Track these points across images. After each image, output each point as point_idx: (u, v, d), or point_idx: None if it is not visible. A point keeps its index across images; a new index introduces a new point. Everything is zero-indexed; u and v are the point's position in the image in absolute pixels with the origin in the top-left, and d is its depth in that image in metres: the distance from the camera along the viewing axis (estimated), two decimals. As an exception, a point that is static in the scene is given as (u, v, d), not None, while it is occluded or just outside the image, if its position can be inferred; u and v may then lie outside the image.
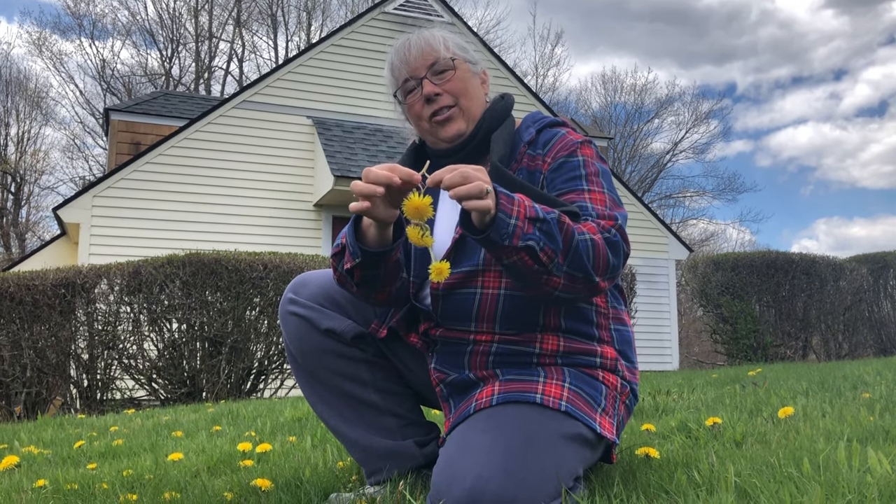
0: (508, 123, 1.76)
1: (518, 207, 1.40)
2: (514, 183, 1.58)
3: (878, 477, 1.44)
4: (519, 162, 1.70)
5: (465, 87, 1.74)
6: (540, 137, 1.73)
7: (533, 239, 1.39)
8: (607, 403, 1.62)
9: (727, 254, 12.43)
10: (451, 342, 1.66)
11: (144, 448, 3.13)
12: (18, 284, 6.93)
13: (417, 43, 1.74)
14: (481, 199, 1.34)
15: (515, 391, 1.55)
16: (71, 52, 32.75)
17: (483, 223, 1.38)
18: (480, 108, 1.76)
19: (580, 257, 1.45)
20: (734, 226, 39.06)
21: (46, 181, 28.46)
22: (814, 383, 3.82)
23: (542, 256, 1.41)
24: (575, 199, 1.61)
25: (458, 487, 1.39)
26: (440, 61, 1.72)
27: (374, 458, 1.79)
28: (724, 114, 43.87)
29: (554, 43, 40.89)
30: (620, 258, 1.54)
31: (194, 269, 7.03)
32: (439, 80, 1.73)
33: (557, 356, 1.61)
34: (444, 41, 1.75)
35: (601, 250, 1.48)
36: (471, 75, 1.77)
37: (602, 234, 1.50)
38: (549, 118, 1.79)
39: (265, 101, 10.83)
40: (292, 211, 10.70)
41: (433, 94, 1.71)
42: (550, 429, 1.50)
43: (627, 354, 1.73)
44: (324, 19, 27.67)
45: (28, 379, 6.92)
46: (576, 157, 1.67)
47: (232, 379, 7.06)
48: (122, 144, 12.55)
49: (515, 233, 1.38)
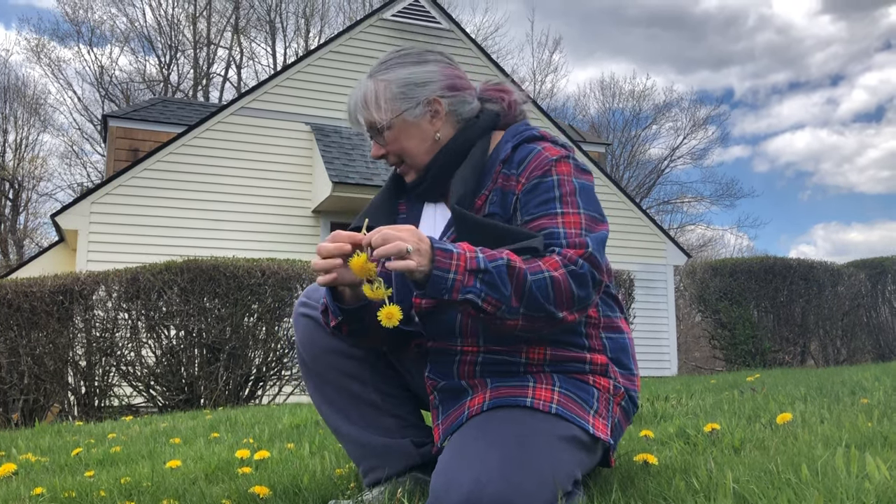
0: (476, 152, 1.71)
1: (457, 261, 1.41)
2: (475, 225, 1.58)
3: (876, 483, 1.44)
4: (494, 182, 1.67)
5: (401, 147, 1.73)
6: (515, 155, 1.68)
7: (472, 292, 1.41)
8: (600, 405, 1.63)
9: (725, 259, 12.44)
10: (440, 352, 1.69)
11: (142, 455, 3.13)
12: (16, 291, 6.92)
13: (353, 104, 1.76)
14: (402, 260, 1.37)
15: (505, 396, 1.57)
16: (69, 58, 32.70)
17: (416, 279, 1.41)
18: (427, 154, 1.73)
19: (536, 299, 1.45)
20: (732, 231, 39.19)
21: (44, 188, 28.46)
22: (812, 389, 3.82)
23: (486, 306, 1.43)
24: (547, 224, 1.57)
25: (455, 493, 1.41)
26: (374, 126, 1.74)
27: (371, 454, 1.81)
28: (722, 119, 44.08)
29: (552, 49, 40.98)
30: (589, 289, 1.51)
31: (192, 275, 7.03)
32: (381, 139, 1.75)
33: (545, 364, 1.62)
34: (376, 100, 1.72)
35: (562, 286, 1.47)
36: (410, 126, 1.72)
37: (566, 269, 1.48)
38: (529, 132, 1.73)
39: (263, 107, 10.84)
40: (290, 217, 10.70)
41: (377, 156, 1.77)
42: (544, 431, 1.51)
43: (622, 361, 1.72)
44: (322, 26, 27.74)
45: (26, 386, 6.91)
46: (550, 176, 1.62)
47: (230, 386, 7.05)
48: (121, 151, 12.55)
49: (454, 287, 1.41)
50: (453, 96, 1.75)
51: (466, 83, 1.79)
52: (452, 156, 1.72)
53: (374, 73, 1.75)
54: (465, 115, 1.76)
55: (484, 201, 1.67)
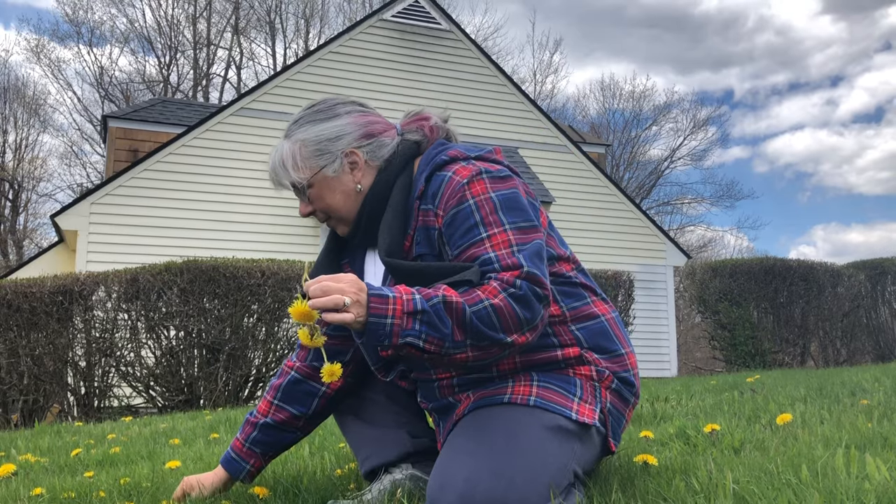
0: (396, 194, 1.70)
1: (394, 305, 1.43)
2: (409, 272, 1.59)
3: (876, 484, 1.44)
4: (416, 220, 1.66)
5: (326, 203, 1.74)
6: (429, 188, 1.65)
7: (412, 334, 1.43)
8: (584, 392, 1.62)
9: (725, 260, 12.45)
10: (422, 380, 1.76)
11: (142, 456, 3.13)
12: (16, 292, 6.92)
13: (273, 170, 1.77)
14: (337, 313, 1.39)
15: (486, 397, 1.61)
16: (69, 59, 32.80)
17: (356, 329, 1.44)
18: (353, 206, 1.74)
19: (479, 329, 1.45)
20: (732, 232, 39.17)
21: (44, 188, 28.45)
22: (812, 390, 3.82)
23: (428, 346, 1.45)
24: (476, 253, 1.54)
25: (450, 492, 1.44)
26: (295, 186, 1.75)
27: (368, 442, 1.88)
28: (722, 120, 44.04)
29: (553, 50, 41.10)
30: (534, 308, 1.49)
31: (192, 276, 7.02)
32: (306, 197, 1.77)
33: (517, 371, 1.64)
34: (293, 160, 1.73)
35: (506, 312, 1.46)
36: (330, 181, 1.72)
37: (506, 293, 1.47)
38: (438, 157, 1.69)
39: (263, 108, 10.84)
40: (290, 218, 10.70)
41: (305, 214, 1.79)
42: (528, 424, 1.53)
43: (603, 346, 1.68)
44: (322, 27, 27.76)
45: (25, 386, 6.90)
46: (466, 202, 1.58)
47: (230, 386, 7.04)
48: (120, 151, 12.54)
49: (393, 331, 1.43)
50: (370, 143, 1.74)
51: (383, 126, 1.78)
52: (377, 202, 1.72)
53: (289, 133, 1.77)
54: (384, 158, 1.74)
55: (411, 243, 1.66)
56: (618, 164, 29.81)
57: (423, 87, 11.67)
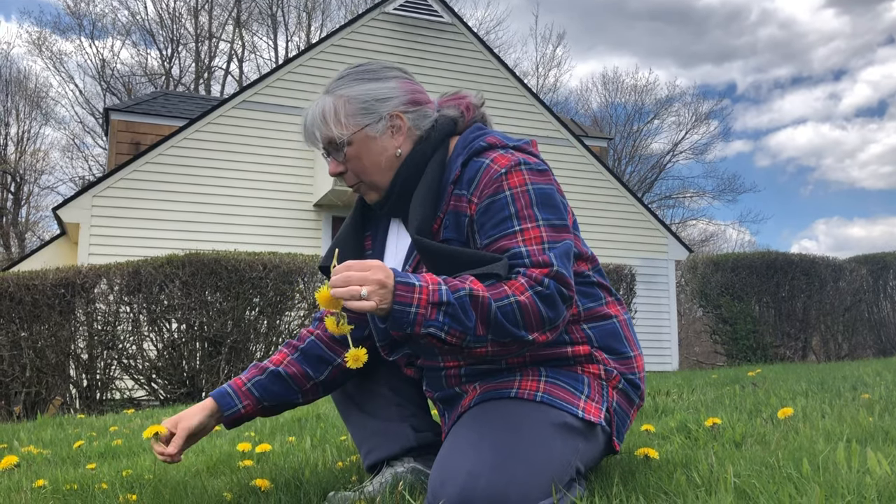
0: (432, 168, 1.67)
1: (420, 294, 1.42)
2: (438, 252, 1.56)
3: (877, 478, 1.45)
4: (447, 204, 1.64)
5: (362, 165, 1.69)
6: (465, 173, 1.63)
7: (435, 325, 1.42)
8: (592, 390, 1.62)
9: (727, 254, 12.44)
10: (429, 368, 1.74)
11: (144, 448, 3.13)
12: (18, 284, 6.93)
13: (311, 120, 1.71)
14: (357, 301, 1.38)
15: (492, 390, 1.60)
16: (71, 51, 32.79)
17: (380, 315, 1.43)
18: (389, 171, 1.70)
19: (502, 326, 1.45)
20: (734, 226, 39.05)
21: (46, 181, 28.46)
22: (813, 384, 3.82)
23: (449, 339, 1.44)
24: (507, 245, 1.53)
25: (451, 485, 1.43)
26: (333, 142, 1.69)
27: (370, 436, 1.87)
28: (724, 114, 43.85)
29: (555, 44, 41.01)
30: (558, 309, 1.49)
31: (194, 269, 7.03)
32: (340, 156, 1.71)
33: (526, 365, 1.63)
34: (335, 114, 1.68)
35: (530, 310, 1.46)
36: (371, 142, 1.68)
37: (533, 290, 1.47)
38: (477, 142, 1.66)
39: (265, 101, 10.83)
40: (292, 211, 10.70)
41: (336, 174, 1.73)
42: (533, 419, 1.52)
43: (614, 347, 1.68)
44: (323, 19, 27.70)
45: (27, 379, 6.92)
46: (502, 192, 1.56)
47: (231, 379, 7.05)
48: (122, 144, 12.55)
49: (417, 321, 1.42)
50: (415, 111, 1.71)
51: (426, 97, 1.76)
52: (412, 171, 1.69)
53: (332, 88, 1.71)
54: (425, 129, 1.72)
55: (439, 225, 1.64)
56: (620, 157, 29.77)
57: (425, 80, 11.65)
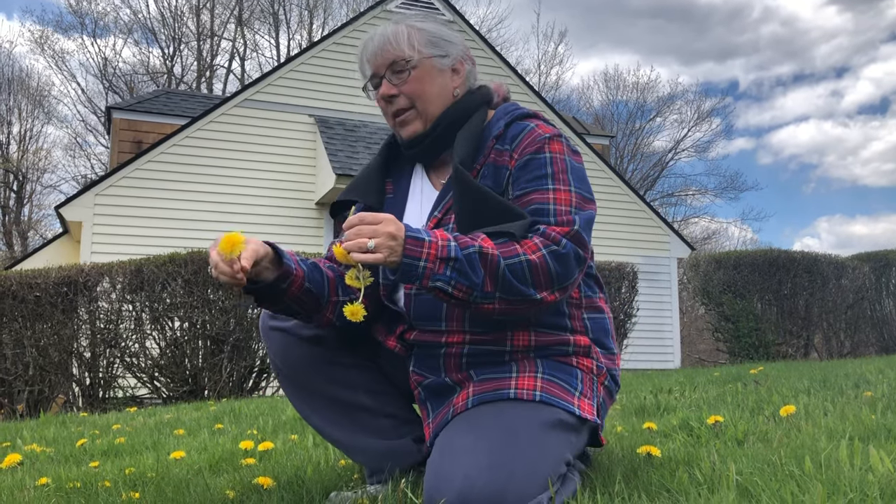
0: (476, 119, 1.73)
1: (428, 249, 1.45)
2: (471, 188, 1.59)
3: (879, 475, 1.45)
4: (486, 157, 1.68)
5: (422, 89, 1.72)
6: (508, 132, 1.69)
7: (442, 279, 1.45)
8: (584, 386, 1.64)
9: (729, 252, 12.42)
10: (425, 345, 1.68)
11: (146, 446, 3.14)
12: (21, 283, 6.93)
13: (380, 39, 1.74)
14: (364, 254, 1.42)
15: (489, 391, 1.58)
16: (73, 50, 32.73)
17: (390, 267, 1.45)
18: (442, 105, 1.74)
19: (511, 283, 1.48)
20: (736, 224, 38.93)
21: (48, 179, 28.52)
22: (815, 382, 3.82)
23: (456, 293, 1.47)
24: (537, 199, 1.59)
25: (447, 490, 1.40)
26: (399, 61, 1.72)
27: (374, 458, 1.80)
28: (727, 112, 43.82)
29: (557, 41, 40.96)
30: (571, 268, 1.53)
31: (196, 267, 7.03)
32: (398, 79, 1.73)
33: (530, 350, 1.63)
34: (408, 37, 1.73)
35: (540, 269, 1.49)
36: (435, 72, 1.73)
37: (547, 250, 1.50)
38: (521, 110, 1.75)
39: (267, 99, 10.83)
40: (294, 209, 10.70)
41: (389, 95, 1.74)
42: (529, 419, 1.52)
43: (603, 342, 1.73)
44: (325, 18, 27.68)
45: (30, 377, 6.93)
46: (543, 153, 1.63)
47: (234, 377, 7.06)
48: (124, 143, 12.55)
49: (425, 274, 1.45)
50: (472, 66, 1.81)
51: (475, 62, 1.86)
52: (461, 113, 1.74)
53: (402, 20, 1.77)
54: (474, 86, 1.80)
55: (477, 173, 1.68)
56: (622, 155, 29.74)
57: (427, 78, 11.63)
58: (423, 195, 1.78)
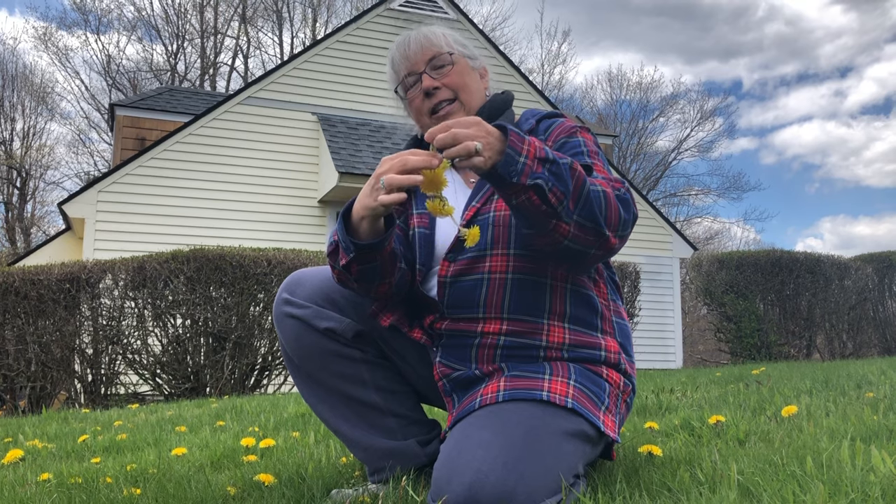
0: (508, 115, 1.84)
1: (528, 147, 1.41)
2: None
3: (881, 476, 1.44)
4: None
5: (463, 82, 1.79)
6: (540, 126, 1.80)
7: (541, 178, 1.39)
8: (610, 402, 1.62)
9: (732, 252, 12.41)
10: (457, 335, 1.65)
11: (148, 442, 3.14)
12: (23, 279, 6.95)
13: (417, 38, 1.80)
14: (470, 158, 1.35)
15: (521, 388, 1.53)
16: (76, 47, 32.79)
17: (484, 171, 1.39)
18: (479, 101, 1.82)
19: (591, 205, 1.46)
20: (739, 224, 39.03)
21: (51, 176, 28.58)
22: (818, 382, 3.81)
23: (551, 197, 1.40)
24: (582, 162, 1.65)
25: (457, 482, 1.38)
26: (439, 56, 1.78)
27: (376, 457, 1.78)
28: (730, 111, 43.79)
29: (561, 41, 40.91)
30: (630, 216, 1.55)
31: (199, 264, 7.04)
32: (438, 74, 1.77)
33: (563, 349, 1.61)
34: (444, 37, 1.81)
35: (612, 203, 1.50)
36: (470, 70, 1.82)
37: (614, 191, 1.53)
38: (547, 111, 1.86)
39: (270, 97, 10.83)
40: (297, 207, 10.71)
41: (432, 87, 1.76)
42: (553, 425, 1.49)
43: (627, 348, 1.74)
44: (329, 16, 27.69)
45: (32, 373, 6.94)
46: (576, 137, 1.72)
47: (236, 374, 7.07)
48: (128, 140, 12.56)
49: (524, 171, 1.38)
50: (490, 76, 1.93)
51: None
52: (496, 111, 1.82)
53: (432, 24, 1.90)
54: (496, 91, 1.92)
55: None
56: (625, 155, 29.72)
57: (430, 76, 11.63)
58: (456, 189, 1.79)
